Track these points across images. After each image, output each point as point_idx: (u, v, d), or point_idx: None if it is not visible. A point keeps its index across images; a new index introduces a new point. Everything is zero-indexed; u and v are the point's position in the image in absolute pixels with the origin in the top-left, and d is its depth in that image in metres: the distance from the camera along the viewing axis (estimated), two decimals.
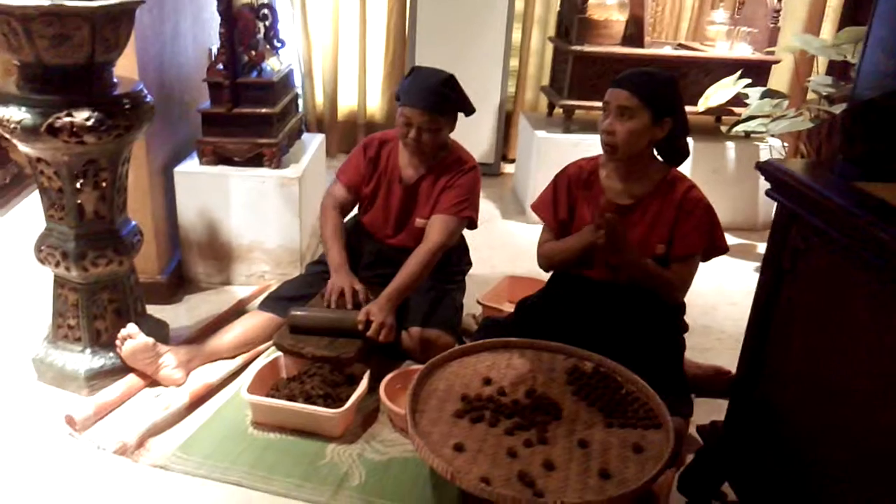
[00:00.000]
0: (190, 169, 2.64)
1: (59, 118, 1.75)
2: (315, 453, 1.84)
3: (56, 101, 1.77)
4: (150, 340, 1.99)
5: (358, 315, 2.01)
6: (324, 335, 2.02)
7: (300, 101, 3.23)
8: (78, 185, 1.90)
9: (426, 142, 2.14)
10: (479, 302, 2.47)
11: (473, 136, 4.20)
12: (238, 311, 2.51)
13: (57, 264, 1.97)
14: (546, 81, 4.16)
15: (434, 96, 2.10)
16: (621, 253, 1.88)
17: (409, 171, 2.27)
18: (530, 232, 3.39)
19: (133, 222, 2.11)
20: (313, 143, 3.09)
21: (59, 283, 2.04)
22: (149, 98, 1.96)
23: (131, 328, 1.98)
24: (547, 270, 2.13)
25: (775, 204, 1.52)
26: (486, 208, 3.78)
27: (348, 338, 2.01)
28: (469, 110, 2.23)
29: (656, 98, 1.89)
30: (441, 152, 2.25)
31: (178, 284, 2.70)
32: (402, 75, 4.21)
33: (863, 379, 1.28)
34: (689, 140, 2.03)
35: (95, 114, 1.78)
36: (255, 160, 2.65)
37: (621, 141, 1.90)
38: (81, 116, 1.77)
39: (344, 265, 2.19)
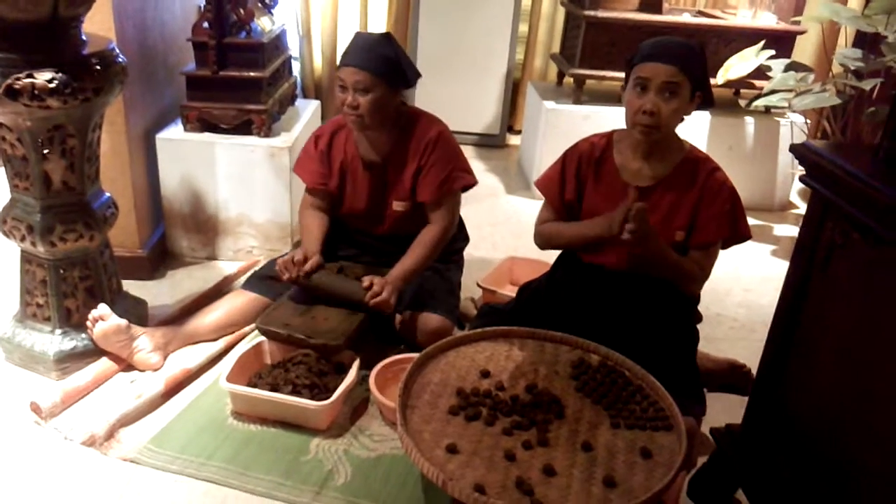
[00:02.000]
0: (173, 136, 2.48)
1: (18, 79, 1.60)
2: (298, 448, 1.72)
3: (15, 60, 1.61)
4: (124, 322, 1.86)
5: (363, 282, 1.95)
6: (326, 296, 1.96)
7: (294, 65, 3.06)
8: (43, 153, 1.75)
9: (363, 107, 1.93)
10: (478, 285, 2.33)
11: (478, 104, 4.05)
12: (223, 288, 2.38)
13: (22, 238, 1.83)
14: (556, 48, 3.97)
15: (367, 52, 1.92)
16: (646, 244, 1.73)
17: (370, 155, 2.08)
18: (536, 208, 3.20)
19: (106, 194, 1.96)
20: (307, 109, 2.93)
21: (26, 258, 1.91)
22: (121, 58, 1.80)
23: (103, 309, 1.85)
24: (543, 249, 2.00)
25: (797, 185, 1.36)
26: (489, 182, 3.62)
27: (349, 307, 1.95)
28: (412, 74, 2.03)
29: (696, 71, 1.73)
30: (398, 121, 2.05)
31: (161, 259, 2.56)
32: (405, 38, 4.04)
33: None
34: (707, 114, 1.87)
35: (59, 75, 1.63)
36: (242, 127, 2.49)
37: (665, 122, 1.74)
38: (43, 78, 1.61)
39: (311, 246, 2.04)
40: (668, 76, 1.70)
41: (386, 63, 1.93)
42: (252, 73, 2.45)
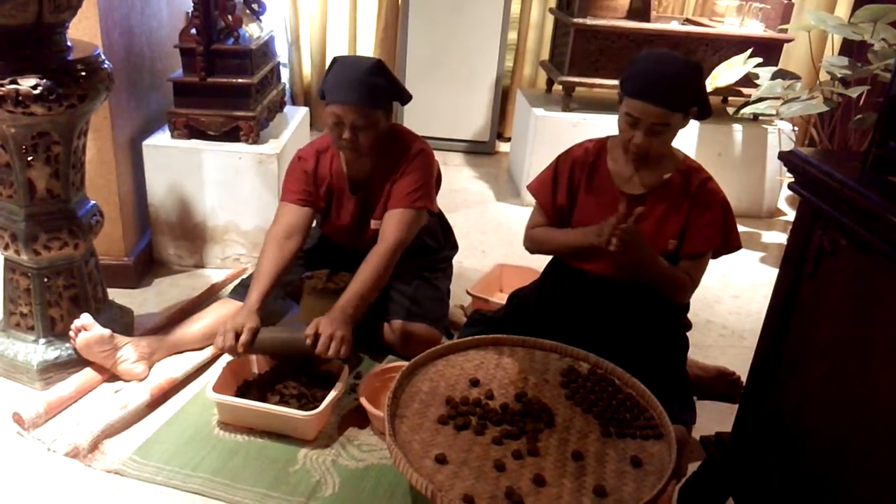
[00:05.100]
0: (160, 142, 2.46)
1: (2, 85, 1.58)
2: (286, 459, 1.69)
3: None
4: (107, 332, 1.83)
5: (306, 330, 1.79)
6: (276, 357, 1.86)
7: (283, 72, 3.04)
8: (28, 161, 1.73)
9: (363, 142, 1.89)
10: (468, 292, 2.32)
11: (467, 112, 4.05)
12: (210, 296, 2.35)
13: (6, 246, 1.81)
14: (546, 56, 3.98)
15: (363, 88, 1.83)
16: (634, 254, 1.73)
17: (356, 174, 2.04)
18: (526, 216, 3.21)
19: (91, 202, 1.94)
20: (296, 116, 2.92)
21: (10, 266, 1.88)
22: (107, 65, 1.78)
23: (85, 318, 1.82)
24: (532, 253, 1.99)
25: (785, 192, 1.36)
26: (479, 189, 3.62)
27: (303, 357, 1.82)
28: (405, 97, 2.00)
29: (687, 99, 1.72)
30: (385, 138, 2.00)
31: (148, 267, 2.54)
32: (394, 45, 4.04)
33: (891, 397, 1.14)
34: (695, 122, 1.87)
35: (44, 81, 1.61)
36: (230, 134, 2.47)
37: (656, 153, 1.75)
38: (28, 84, 1.60)
39: (250, 307, 1.82)
40: (656, 118, 1.68)
41: (382, 94, 1.90)
42: (240, 80, 2.43)
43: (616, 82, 1.88)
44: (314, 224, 2.12)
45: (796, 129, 3.42)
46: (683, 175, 1.81)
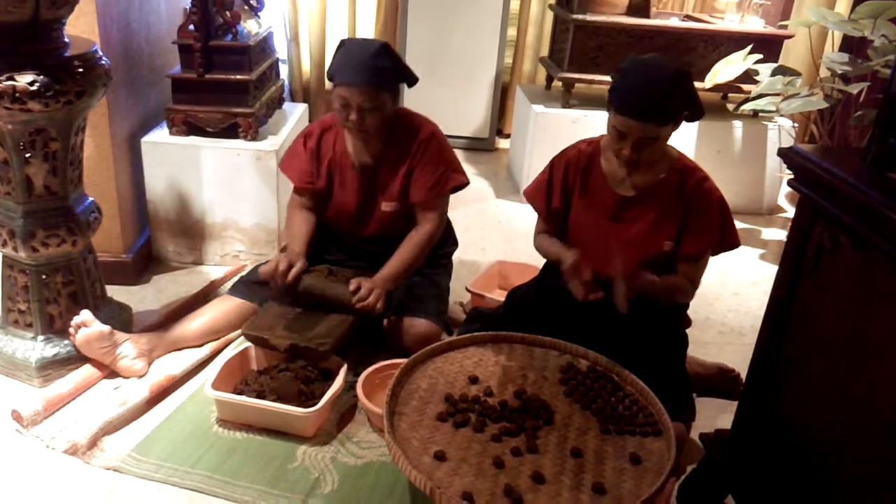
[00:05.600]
0: (158, 139, 2.45)
1: None
2: (285, 456, 1.69)
3: None
4: (107, 328, 1.83)
5: (350, 285, 1.91)
6: (314, 301, 1.93)
7: (282, 68, 3.04)
8: (26, 157, 1.72)
9: (370, 123, 1.92)
10: (467, 289, 2.32)
11: (467, 108, 4.04)
12: (210, 293, 2.35)
13: (4, 243, 1.80)
14: (545, 52, 3.97)
15: (368, 70, 1.85)
16: (635, 290, 1.72)
17: (361, 155, 2.05)
18: (525, 212, 3.23)
19: (90, 199, 1.93)
20: (295, 113, 2.91)
21: (8, 263, 1.88)
22: (104, 61, 1.77)
23: (85, 315, 1.82)
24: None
25: (784, 188, 1.35)
26: (479, 186, 3.61)
27: (337, 311, 1.92)
28: (412, 79, 2.01)
29: (675, 110, 1.69)
30: (391, 122, 2.02)
31: (146, 264, 2.53)
32: (394, 41, 4.03)
33: (891, 394, 1.13)
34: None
35: (41, 78, 1.60)
36: (229, 131, 2.47)
37: (647, 162, 1.74)
38: (25, 80, 1.59)
39: (300, 251, 1.99)
40: (643, 133, 1.66)
41: (389, 76, 1.91)
42: (238, 76, 2.43)
43: None
44: None
45: (796, 125, 3.41)
46: (678, 175, 1.80)
